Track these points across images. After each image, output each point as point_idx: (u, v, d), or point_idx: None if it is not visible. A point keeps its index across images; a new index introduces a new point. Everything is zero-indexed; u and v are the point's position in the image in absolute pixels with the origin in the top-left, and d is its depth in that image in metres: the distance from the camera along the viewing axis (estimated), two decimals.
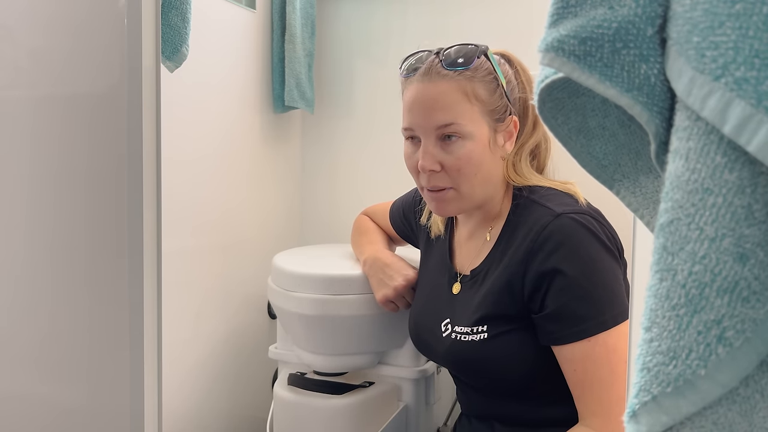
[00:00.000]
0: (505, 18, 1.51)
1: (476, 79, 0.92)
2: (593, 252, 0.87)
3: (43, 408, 0.82)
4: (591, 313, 0.85)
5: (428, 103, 0.92)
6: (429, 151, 0.93)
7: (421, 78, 0.93)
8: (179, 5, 1.00)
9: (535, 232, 0.89)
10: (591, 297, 0.86)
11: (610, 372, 0.85)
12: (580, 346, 0.86)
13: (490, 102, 0.93)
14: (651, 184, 0.40)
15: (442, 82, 0.92)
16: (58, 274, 0.79)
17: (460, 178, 0.93)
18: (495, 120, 0.94)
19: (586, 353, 0.86)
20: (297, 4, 1.57)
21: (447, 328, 0.99)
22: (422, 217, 1.15)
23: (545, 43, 0.35)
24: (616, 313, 0.86)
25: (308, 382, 1.25)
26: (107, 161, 0.75)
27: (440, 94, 0.92)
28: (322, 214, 1.79)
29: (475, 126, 0.92)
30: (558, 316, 0.87)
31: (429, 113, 0.92)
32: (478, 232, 1.02)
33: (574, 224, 0.88)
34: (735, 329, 0.29)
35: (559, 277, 0.86)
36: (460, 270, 1.03)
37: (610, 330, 0.85)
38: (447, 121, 0.91)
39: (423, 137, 0.94)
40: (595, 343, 0.85)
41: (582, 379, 0.87)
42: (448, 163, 0.93)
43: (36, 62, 0.78)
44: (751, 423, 0.30)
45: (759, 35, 0.27)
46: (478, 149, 0.93)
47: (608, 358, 0.85)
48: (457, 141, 0.92)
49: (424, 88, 0.93)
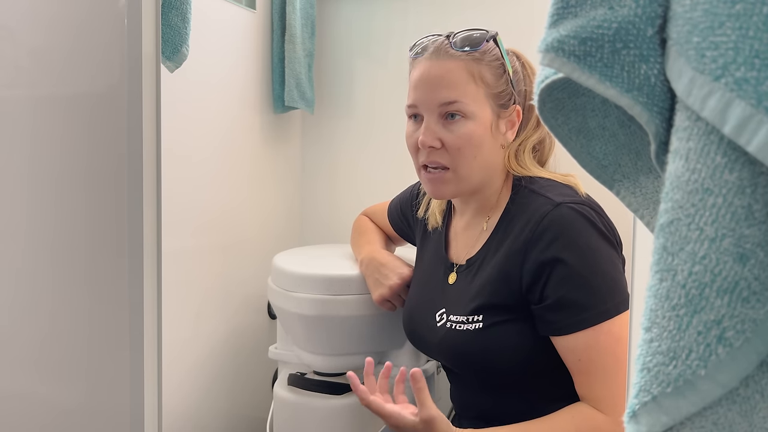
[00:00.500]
0: (506, 18, 1.51)
1: (483, 62, 0.94)
2: (593, 241, 0.87)
3: (43, 408, 0.82)
4: (592, 302, 0.85)
5: (434, 80, 0.94)
6: (430, 128, 0.94)
7: (430, 57, 0.95)
8: (179, 5, 1.00)
9: (534, 222, 0.89)
10: (591, 286, 0.86)
11: (615, 360, 0.85)
12: (583, 335, 0.86)
13: (495, 86, 0.95)
14: (651, 184, 0.40)
15: (450, 61, 0.93)
16: (59, 273, 0.79)
17: (459, 158, 0.94)
18: (499, 105, 0.96)
19: (590, 342, 0.86)
20: (297, 4, 1.57)
21: (442, 318, 0.99)
22: (420, 210, 1.15)
23: (545, 43, 0.35)
24: (618, 302, 0.86)
25: (308, 382, 1.25)
26: (107, 161, 0.75)
27: (447, 72, 0.93)
28: (322, 214, 1.79)
29: (478, 107, 0.93)
30: (559, 306, 0.87)
31: (434, 90, 0.93)
32: (475, 222, 1.02)
33: (573, 214, 0.88)
34: (735, 329, 0.29)
35: (559, 266, 0.86)
36: (456, 260, 1.03)
37: (613, 319, 0.85)
38: (451, 98, 0.92)
39: (426, 114, 0.95)
40: (599, 332, 0.85)
41: (587, 368, 0.87)
42: (448, 140, 0.93)
43: (36, 62, 0.78)
44: (751, 423, 0.30)
45: (759, 35, 0.27)
46: (479, 131, 0.94)
47: (613, 347, 0.85)
48: (460, 120, 0.93)
49: (431, 66, 0.94)
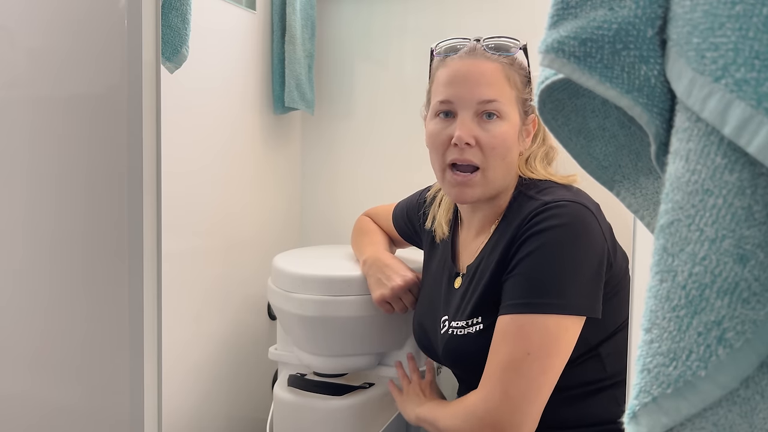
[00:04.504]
0: (506, 19, 1.51)
1: (514, 68, 0.95)
2: (567, 238, 0.87)
3: (43, 408, 0.82)
4: (536, 293, 0.85)
5: (474, 76, 0.94)
6: (467, 124, 0.93)
7: (465, 56, 0.95)
8: (179, 6, 1.00)
9: (521, 220, 0.91)
10: (544, 279, 0.86)
11: (526, 356, 0.84)
12: (512, 319, 0.86)
13: (523, 92, 0.96)
14: (651, 185, 0.40)
15: (487, 62, 0.94)
16: (59, 275, 0.79)
17: (491, 158, 0.94)
18: (524, 112, 0.97)
19: (516, 328, 0.85)
20: (297, 5, 1.57)
21: (444, 325, 1.00)
22: (426, 222, 1.15)
23: (545, 44, 0.35)
24: (566, 304, 0.85)
25: (308, 383, 1.25)
26: (107, 162, 0.75)
27: (487, 70, 0.94)
28: (322, 214, 1.79)
29: (511, 109, 0.95)
30: (509, 289, 0.88)
31: (474, 86, 0.93)
32: (483, 230, 1.03)
33: (559, 211, 0.88)
34: (735, 330, 0.29)
35: (525, 251, 0.87)
36: (462, 269, 1.04)
37: (550, 315, 0.84)
38: (491, 96, 0.93)
39: (461, 110, 0.94)
40: (528, 321, 0.85)
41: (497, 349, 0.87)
42: (483, 139, 0.93)
43: (36, 63, 0.78)
44: (752, 424, 0.30)
45: (759, 36, 0.27)
46: (511, 132, 0.94)
47: (537, 341, 0.84)
48: (496, 120, 0.93)
49: (470, 64, 0.94)
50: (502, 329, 0.88)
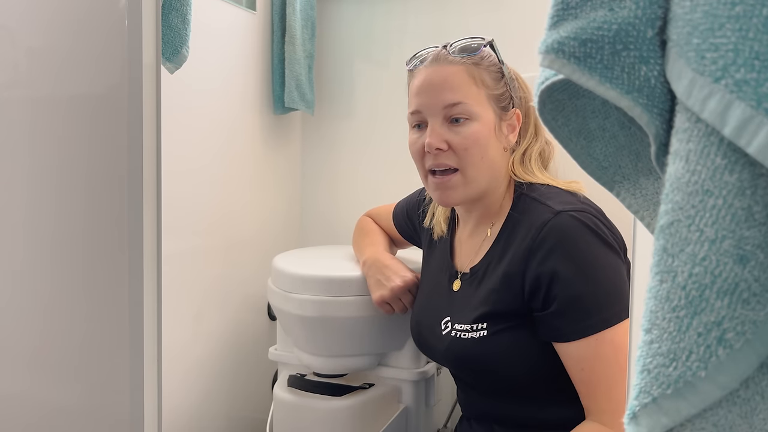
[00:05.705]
0: (506, 19, 1.52)
1: (482, 66, 0.95)
2: (593, 249, 0.87)
3: (42, 408, 0.81)
4: (593, 310, 0.85)
5: (437, 83, 0.95)
6: (436, 131, 0.95)
7: (429, 64, 0.96)
8: (179, 6, 1.00)
9: (535, 230, 0.90)
10: (592, 294, 0.86)
11: (618, 369, 0.85)
12: (585, 343, 0.86)
13: (495, 88, 0.96)
14: (651, 185, 0.40)
15: (450, 66, 0.95)
16: (59, 274, 0.79)
17: (466, 159, 0.94)
18: (500, 108, 0.97)
19: (592, 351, 0.86)
20: (297, 6, 1.57)
21: (447, 326, 0.99)
22: (425, 220, 1.15)
23: (545, 44, 0.35)
24: (619, 309, 0.86)
25: (308, 383, 1.25)
26: (107, 162, 0.75)
27: (449, 75, 0.94)
28: (322, 215, 1.79)
29: (481, 108, 0.95)
30: (561, 314, 0.87)
31: (438, 93, 0.94)
32: (479, 230, 1.02)
33: (573, 222, 0.88)
34: (735, 331, 0.29)
35: (560, 275, 0.86)
36: (461, 268, 1.03)
37: (615, 327, 0.85)
38: (455, 100, 0.93)
39: (430, 118, 0.95)
40: (601, 341, 0.85)
41: (590, 378, 0.87)
42: (455, 142, 0.94)
43: (36, 62, 0.78)
44: (752, 425, 0.30)
45: (759, 37, 0.27)
46: (484, 131, 0.94)
47: (615, 356, 0.85)
48: (465, 123, 0.94)
49: (433, 71, 0.95)
50: (577, 356, 0.87)
